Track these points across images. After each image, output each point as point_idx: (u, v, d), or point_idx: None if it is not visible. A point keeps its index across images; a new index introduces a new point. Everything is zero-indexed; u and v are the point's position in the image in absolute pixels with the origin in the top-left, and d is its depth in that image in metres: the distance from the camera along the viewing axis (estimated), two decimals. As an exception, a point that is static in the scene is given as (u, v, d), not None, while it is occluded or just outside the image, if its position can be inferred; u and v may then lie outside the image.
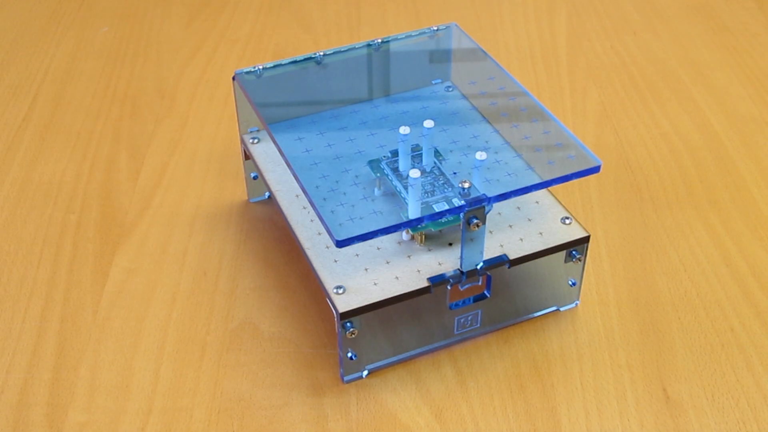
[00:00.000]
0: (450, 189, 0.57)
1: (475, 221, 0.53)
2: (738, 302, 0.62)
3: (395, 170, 0.59)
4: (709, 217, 0.69)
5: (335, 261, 0.56)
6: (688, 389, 0.56)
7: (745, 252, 0.66)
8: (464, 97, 0.66)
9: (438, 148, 0.61)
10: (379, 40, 0.67)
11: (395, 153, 0.60)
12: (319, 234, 0.59)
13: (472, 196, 0.53)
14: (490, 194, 0.53)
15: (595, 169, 0.55)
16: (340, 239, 0.51)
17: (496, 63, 0.65)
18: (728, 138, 0.77)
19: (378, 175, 0.58)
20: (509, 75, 0.64)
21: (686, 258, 0.65)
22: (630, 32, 0.92)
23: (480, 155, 0.55)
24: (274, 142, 0.59)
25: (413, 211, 0.54)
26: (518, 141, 0.61)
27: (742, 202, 0.70)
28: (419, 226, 0.56)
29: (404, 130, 0.57)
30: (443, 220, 0.57)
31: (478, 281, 0.56)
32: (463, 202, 0.52)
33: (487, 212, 0.53)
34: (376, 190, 0.58)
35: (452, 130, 0.63)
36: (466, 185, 0.53)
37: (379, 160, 0.60)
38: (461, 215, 0.53)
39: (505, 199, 0.54)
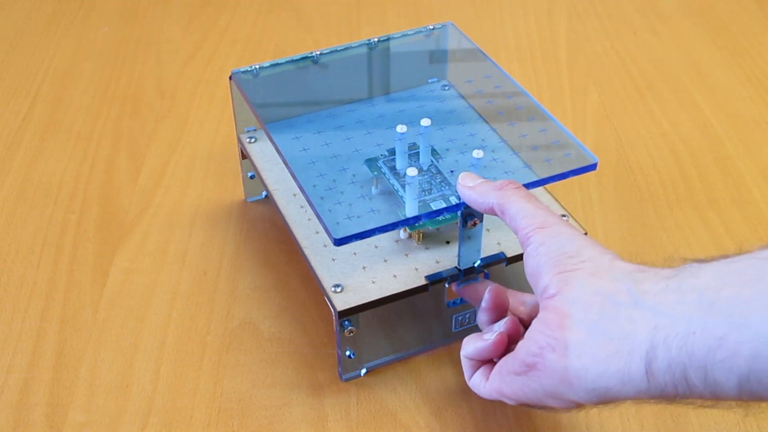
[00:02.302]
0: (447, 187, 0.57)
1: (473, 219, 0.53)
2: (738, 302, 0.62)
3: (392, 169, 0.59)
4: (709, 217, 0.69)
5: (333, 260, 0.56)
6: (687, 389, 0.56)
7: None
8: (460, 95, 0.66)
9: (435, 147, 0.61)
10: (376, 39, 0.67)
11: (392, 152, 0.60)
12: (317, 233, 0.59)
13: None
14: None
15: (592, 167, 0.55)
16: (338, 237, 0.51)
17: (492, 61, 0.65)
18: (728, 138, 0.77)
19: (375, 173, 0.58)
20: (505, 73, 0.64)
21: (686, 258, 0.65)
22: (630, 32, 0.92)
23: (477, 153, 0.55)
24: (272, 141, 0.59)
25: (411, 209, 0.54)
26: (515, 139, 0.61)
27: (742, 202, 0.70)
28: (417, 225, 0.56)
29: (401, 128, 0.57)
30: (440, 218, 0.57)
31: (477, 279, 0.56)
32: (460, 200, 0.52)
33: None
34: (373, 189, 0.57)
35: (449, 128, 0.63)
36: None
37: (376, 159, 0.60)
38: (458, 213, 0.53)
39: None
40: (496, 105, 0.64)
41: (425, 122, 0.57)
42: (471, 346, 0.49)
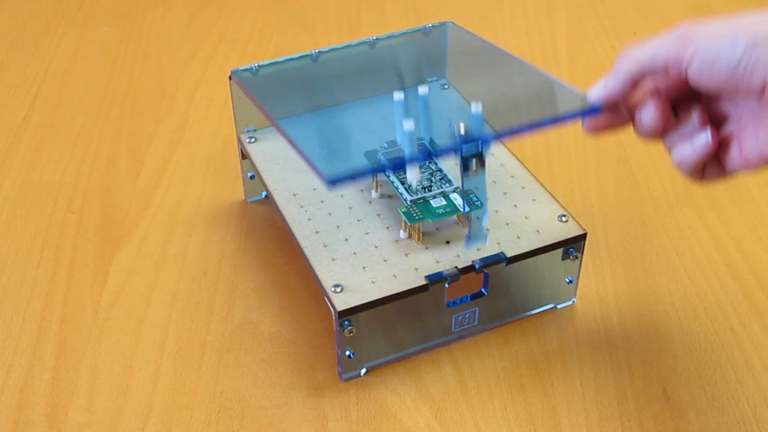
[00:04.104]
0: (447, 184, 0.57)
1: (474, 162, 0.51)
2: (738, 302, 0.62)
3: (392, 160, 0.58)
4: (709, 217, 0.69)
5: (333, 260, 0.56)
6: (688, 389, 0.56)
7: (745, 252, 0.66)
8: (459, 92, 0.66)
9: (435, 140, 0.60)
10: (375, 38, 0.67)
11: (392, 143, 0.60)
12: (317, 233, 0.59)
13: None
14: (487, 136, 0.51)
15: (595, 110, 0.52)
16: (330, 178, 0.48)
17: (493, 45, 0.63)
18: (728, 137, 0.77)
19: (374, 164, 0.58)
20: (507, 52, 0.62)
21: (686, 258, 0.65)
22: (630, 32, 0.92)
23: (475, 107, 0.53)
24: (271, 120, 0.57)
25: (409, 152, 0.53)
26: (517, 92, 0.59)
27: (742, 202, 0.70)
28: (417, 217, 0.56)
29: (398, 95, 0.56)
30: (440, 210, 0.57)
31: (486, 243, 0.55)
32: (461, 185, 0.51)
33: (486, 154, 0.51)
34: (373, 192, 0.57)
35: (448, 118, 0.63)
36: (462, 128, 0.51)
37: (375, 151, 0.60)
38: (459, 154, 0.50)
39: (503, 137, 0.52)
40: (497, 77, 0.62)
41: (422, 90, 0.56)
42: (686, 159, 0.49)
